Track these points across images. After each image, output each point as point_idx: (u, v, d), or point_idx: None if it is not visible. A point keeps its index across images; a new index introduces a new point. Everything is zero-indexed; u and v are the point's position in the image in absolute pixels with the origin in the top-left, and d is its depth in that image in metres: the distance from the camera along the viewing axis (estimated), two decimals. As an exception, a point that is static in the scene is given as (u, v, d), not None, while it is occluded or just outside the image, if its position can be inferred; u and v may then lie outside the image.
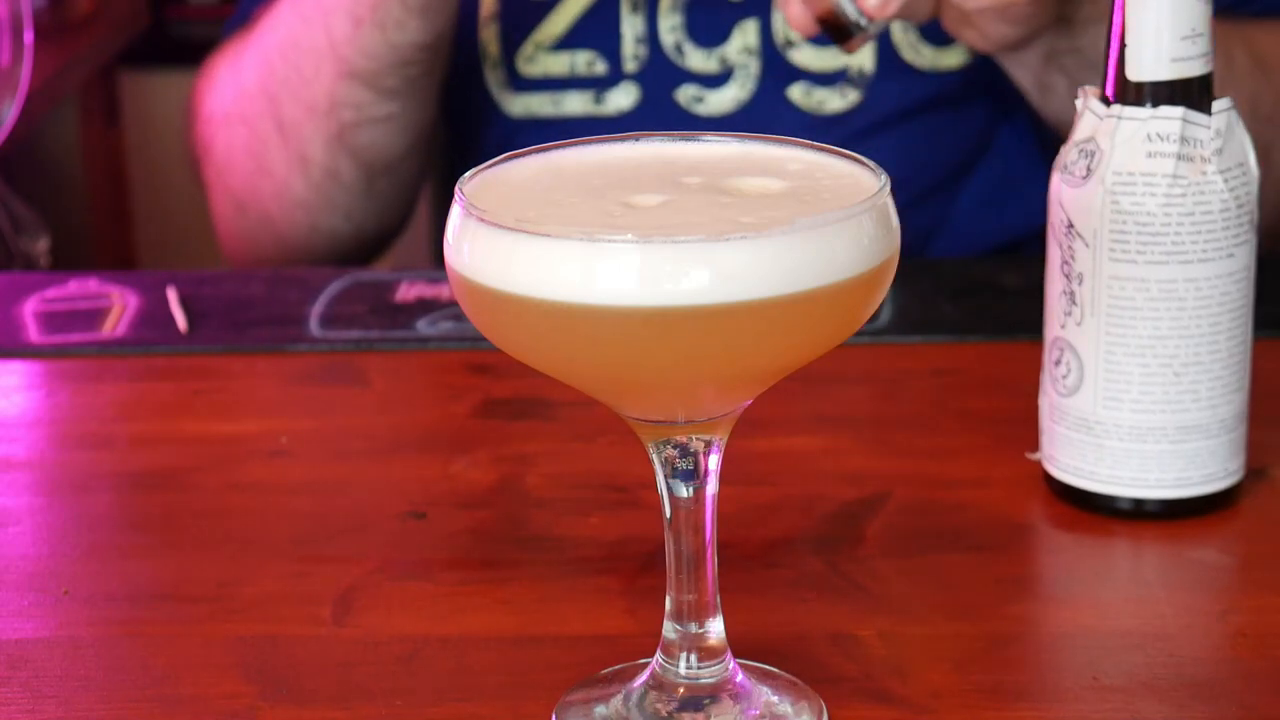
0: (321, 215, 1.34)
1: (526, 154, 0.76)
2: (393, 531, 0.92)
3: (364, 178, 1.32)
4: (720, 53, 1.32)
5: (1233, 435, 0.91)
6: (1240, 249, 0.89)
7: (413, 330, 1.14)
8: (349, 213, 1.34)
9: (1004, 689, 0.79)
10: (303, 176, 1.32)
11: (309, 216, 1.34)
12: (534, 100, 1.35)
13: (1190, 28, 0.86)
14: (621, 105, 1.33)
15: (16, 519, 0.95)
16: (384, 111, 1.29)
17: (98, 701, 0.79)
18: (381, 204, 1.35)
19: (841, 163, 0.74)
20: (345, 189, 1.32)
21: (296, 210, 1.34)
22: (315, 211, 1.33)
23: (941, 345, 1.12)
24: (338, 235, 1.35)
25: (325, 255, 1.36)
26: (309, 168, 1.31)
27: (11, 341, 1.14)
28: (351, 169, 1.31)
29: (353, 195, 1.33)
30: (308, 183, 1.32)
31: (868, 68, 1.32)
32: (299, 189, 1.33)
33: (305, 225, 1.34)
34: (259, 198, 1.35)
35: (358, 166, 1.31)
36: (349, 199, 1.33)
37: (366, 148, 1.30)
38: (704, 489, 0.75)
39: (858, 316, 0.72)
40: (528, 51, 1.34)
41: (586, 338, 0.70)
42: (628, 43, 1.32)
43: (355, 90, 1.27)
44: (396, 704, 0.78)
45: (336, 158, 1.31)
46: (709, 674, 0.76)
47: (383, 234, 1.40)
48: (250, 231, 1.37)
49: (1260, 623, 0.83)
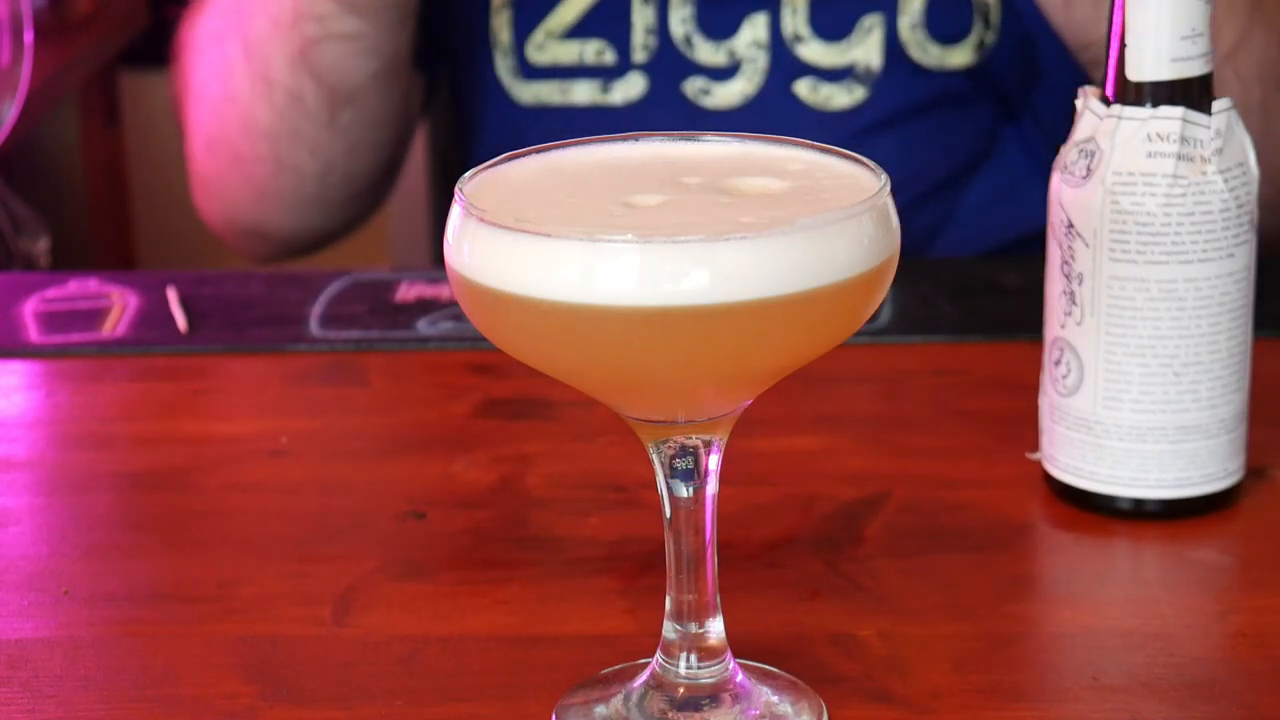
0: (285, 146, 1.33)
1: (526, 154, 0.76)
2: (393, 531, 0.92)
3: (327, 104, 1.31)
4: (729, 46, 1.32)
5: (1233, 435, 0.91)
6: (1240, 249, 0.89)
7: (413, 330, 1.14)
8: (314, 146, 1.33)
9: (1004, 689, 0.79)
10: (266, 100, 1.32)
11: (273, 147, 1.33)
12: (543, 89, 1.35)
13: (1190, 28, 0.86)
14: (629, 95, 1.33)
15: (16, 519, 0.95)
16: (347, 28, 1.28)
17: (98, 701, 0.79)
18: (348, 142, 1.34)
19: (842, 163, 0.74)
20: (309, 116, 1.32)
21: (261, 142, 1.33)
22: (279, 141, 1.33)
23: (941, 345, 1.12)
24: (304, 172, 1.34)
25: (294, 201, 1.36)
26: (273, 90, 1.31)
27: (11, 341, 1.14)
28: (314, 92, 1.31)
29: (317, 125, 1.32)
30: (271, 107, 1.32)
31: (875, 64, 1.32)
32: (263, 115, 1.32)
33: (270, 159, 1.34)
34: (225, 131, 1.35)
35: (320, 89, 1.31)
36: (314, 129, 1.32)
37: (330, 69, 1.30)
38: (704, 489, 0.75)
39: (858, 316, 0.72)
40: (538, 39, 1.34)
41: (586, 338, 0.70)
42: (637, 33, 1.33)
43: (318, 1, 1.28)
44: (396, 704, 0.78)
45: (299, 78, 1.30)
46: (709, 674, 0.76)
47: (351, 183, 1.37)
48: (221, 176, 1.37)
49: (1260, 623, 0.83)
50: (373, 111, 1.34)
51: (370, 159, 1.37)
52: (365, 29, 1.29)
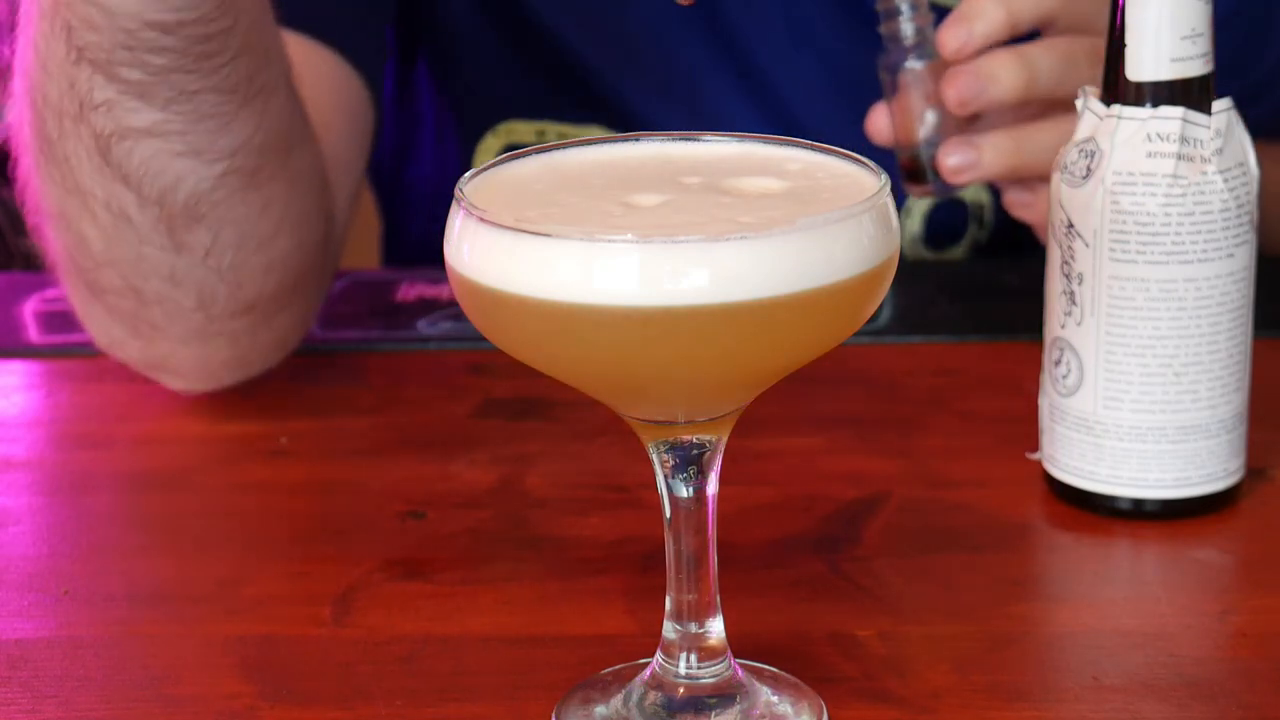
0: (134, 274, 0.99)
1: (526, 154, 0.76)
2: (392, 531, 0.92)
3: (160, 221, 0.97)
4: None
5: (1233, 435, 0.91)
6: (1240, 249, 0.89)
7: (413, 330, 1.14)
8: (171, 273, 0.99)
9: (1004, 689, 0.79)
10: (90, 218, 0.98)
11: (122, 275, 0.99)
12: None
13: (1190, 28, 0.86)
14: None
15: (16, 519, 0.95)
16: (143, 121, 0.94)
17: (98, 701, 0.79)
18: (219, 264, 0.99)
19: (842, 162, 0.74)
20: (143, 238, 0.97)
21: (106, 269, 0.99)
22: (123, 267, 0.99)
23: (941, 345, 1.12)
24: (174, 303, 1.00)
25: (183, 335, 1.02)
26: (89, 202, 0.97)
27: (11, 341, 1.14)
28: (136, 204, 0.96)
29: (159, 248, 0.98)
30: (97, 227, 0.98)
31: None
32: (93, 237, 0.98)
33: (126, 290, 1.00)
34: (72, 256, 1.01)
35: (144, 203, 0.96)
36: (159, 253, 0.98)
37: (141, 174, 0.95)
38: (704, 489, 0.75)
39: (858, 316, 0.72)
40: None
41: (586, 338, 0.70)
42: None
43: (93, 79, 0.93)
44: (396, 704, 0.78)
45: (112, 188, 0.96)
46: (709, 674, 0.76)
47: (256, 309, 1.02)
48: (85, 308, 1.04)
49: (1260, 623, 0.83)
50: (241, 227, 0.99)
51: (269, 278, 1.02)
52: (169, 122, 0.94)
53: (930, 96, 1.11)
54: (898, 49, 1.12)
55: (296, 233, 1.02)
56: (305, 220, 1.03)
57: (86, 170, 0.96)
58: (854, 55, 1.19)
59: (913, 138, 1.12)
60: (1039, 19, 1.09)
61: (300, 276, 1.04)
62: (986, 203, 1.29)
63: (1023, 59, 1.07)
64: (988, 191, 1.27)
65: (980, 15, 1.07)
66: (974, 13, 1.08)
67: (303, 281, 1.04)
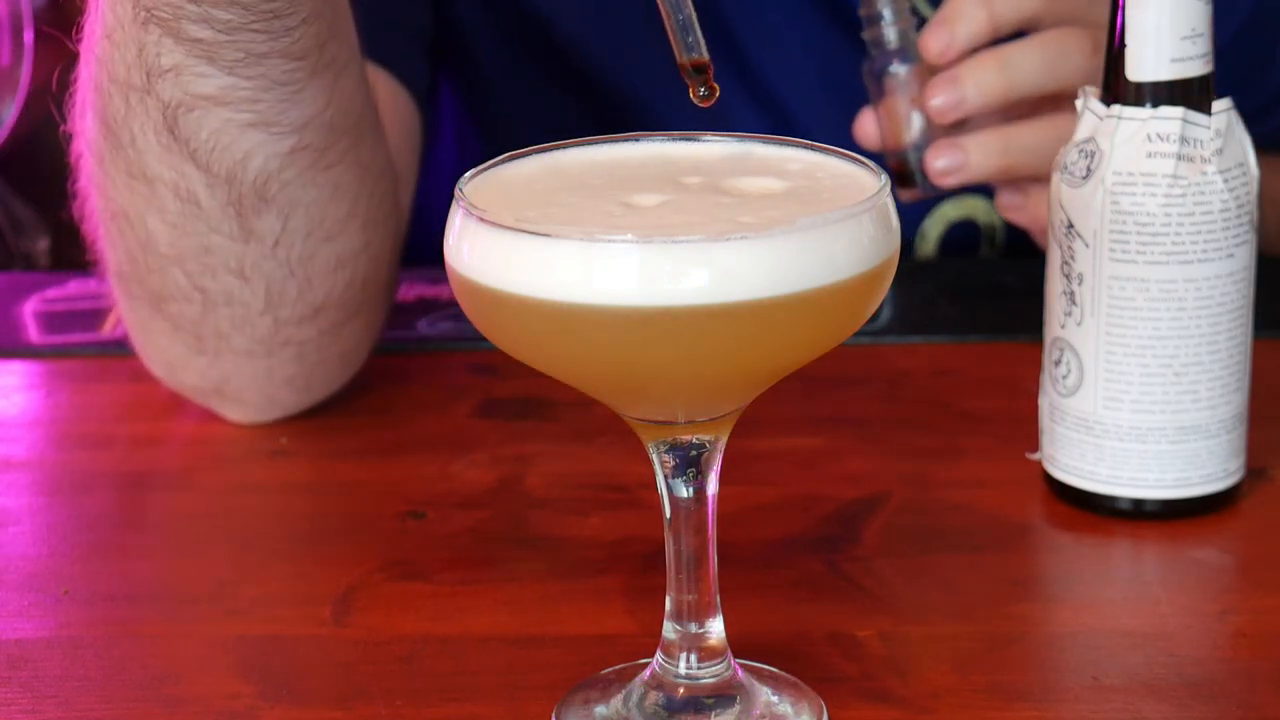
0: (202, 269, 0.97)
1: (526, 154, 0.76)
2: (392, 531, 0.92)
3: (227, 201, 0.94)
4: None
5: (1233, 435, 0.91)
6: (1240, 249, 0.89)
7: (413, 330, 1.14)
8: (239, 265, 0.97)
9: (1004, 689, 0.79)
10: (154, 207, 0.95)
11: (187, 274, 0.97)
12: None
13: (1190, 28, 0.86)
14: None
15: (16, 519, 0.95)
16: (210, 87, 0.91)
17: (98, 701, 0.79)
18: (289, 254, 0.97)
19: (842, 162, 0.74)
20: (212, 224, 0.95)
21: (171, 268, 0.97)
22: (189, 263, 0.97)
23: (941, 345, 1.12)
24: (240, 303, 0.98)
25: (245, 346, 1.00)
26: (157, 189, 0.95)
27: (11, 341, 1.14)
28: (204, 184, 0.94)
29: (228, 236, 0.96)
30: (164, 218, 0.95)
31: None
32: (158, 230, 0.96)
33: (191, 290, 0.98)
34: (131, 261, 0.99)
35: (214, 182, 0.94)
36: (226, 242, 0.96)
37: (214, 151, 0.93)
38: (704, 489, 0.75)
39: (858, 316, 0.72)
40: None
41: (586, 338, 0.70)
42: None
43: (161, 42, 0.90)
44: (396, 704, 0.78)
45: (180, 167, 0.93)
46: (709, 674, 0.76)
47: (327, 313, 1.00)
48: (145, 325, 1.02)
49: (1260, 623, 0.83)
50: (310, 212, 0.97)
51: (339, 277, 1.00)
52: (237, 88, 0.91)
53: (916, 100, 1.11)
54: (882, 54, 1.12)
55: (364, 231, 1.00)
56: (374, 220, 1.00)
57: (155, 151, 0.93)
58: (851, 57, 1.19)
59: (900, 142, 1.12)
60: (1022, 20, 1.09)
61: (367, 282, 1.01)
62: (999, 224, 1.29)
63: (1001, 62, 1.08)
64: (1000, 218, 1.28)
65: (962, 18, 1.08)
66: (956, 16, 1.08)
67: (369, 289, 1.02)
